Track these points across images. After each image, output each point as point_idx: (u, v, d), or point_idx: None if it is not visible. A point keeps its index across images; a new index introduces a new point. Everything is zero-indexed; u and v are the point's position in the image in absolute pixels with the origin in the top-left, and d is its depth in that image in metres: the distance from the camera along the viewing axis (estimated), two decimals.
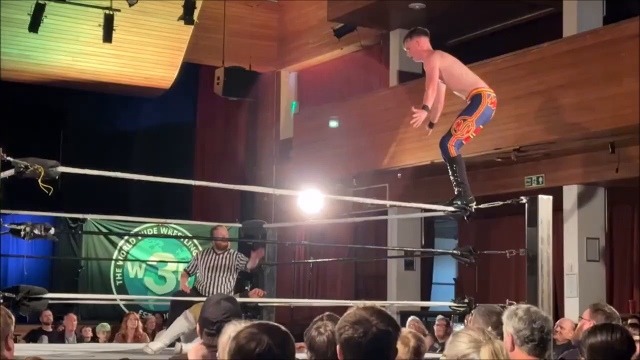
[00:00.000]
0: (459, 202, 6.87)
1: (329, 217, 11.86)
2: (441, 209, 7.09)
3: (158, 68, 15.22)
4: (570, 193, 11.46)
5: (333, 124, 13.29)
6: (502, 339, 3.50)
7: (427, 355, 6.08)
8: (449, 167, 7.02)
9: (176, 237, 14.90)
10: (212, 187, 13.49)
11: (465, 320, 5.97)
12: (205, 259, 8.52)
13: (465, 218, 6.93)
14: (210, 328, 4.07)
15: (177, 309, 8.05)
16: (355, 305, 2.97)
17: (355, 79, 15.23)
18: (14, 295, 4.94)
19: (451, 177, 6.99)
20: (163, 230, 14.74)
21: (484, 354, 2.78)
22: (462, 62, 7.41)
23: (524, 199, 6.69)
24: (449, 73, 7.24)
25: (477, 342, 2.80)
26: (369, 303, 3.03)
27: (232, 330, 3.31)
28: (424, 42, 7.23)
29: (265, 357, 2.70)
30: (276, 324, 2.98)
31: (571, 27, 11.37)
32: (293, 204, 11.43)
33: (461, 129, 7.03)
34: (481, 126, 7.11)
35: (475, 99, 7.14)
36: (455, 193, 6.95)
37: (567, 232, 11.50)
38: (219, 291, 8.28)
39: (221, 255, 8.48)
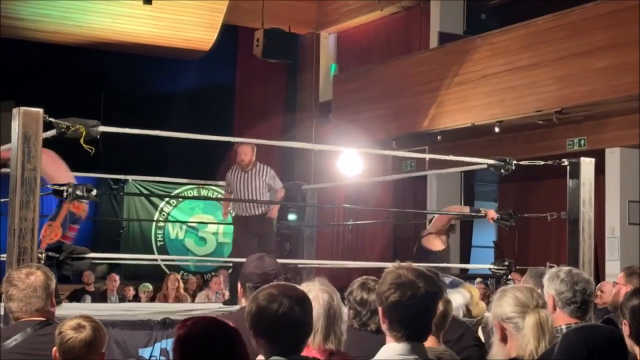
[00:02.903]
0: None
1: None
2: (482, 161, 7.03)
3: (198, 30, 15.21)
4: (613, 155, 11.33)
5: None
6: None
7: (465, 318, 6.08)
8: None
9: (216, 199, 14.98)
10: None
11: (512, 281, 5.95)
12: (236, 175, 8.47)
13: (504, 171, 6.84)
14: (255, 282, 4.06)
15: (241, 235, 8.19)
16: (394, 267, 2.94)
17: (395, 41, 15.11)
18: (57, 255, 5.00)
19: None
20: (203, 192, 14.84)
21: (528, 322, 2.71)
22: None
23: (565, 161, 6.62)
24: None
25: (524, 307, 2.74)
26: (405, 265, 2.99)
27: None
28: None
29: (287, 318, 2.71)
30: (291, 284, 2.97)
31: None
32: (332, 165, 11.43)
33: (48, 233, 6.75)
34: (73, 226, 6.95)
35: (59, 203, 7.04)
36: None
37: (608, 194, 11.38)
38: (252, 206, 8.30)
39: (250, 172, 8.42)
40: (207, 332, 2.37)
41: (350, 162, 10.66)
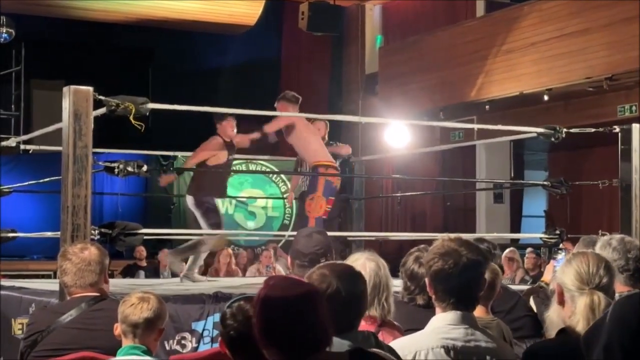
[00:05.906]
0: None
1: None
2: (531, 130, 6.95)
3: (243, 5, 15.20)
4: None
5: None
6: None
7: (517, 287, 6.05)
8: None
9: (264, 172, 15.04)
10: None
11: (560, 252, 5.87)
12: None
13: (554, 139, 6.75)
14: (302, 260, 4.11)
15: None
16: (441, 237, 2.95)
17: (441, 10, 14.96)
18: (110, 231, 5.06)
19: None
20: (251, 167, 14.89)
21: (581, 303, 2.65)
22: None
23: (617, 128, 6.53)
24: (294, 136, 7.89)
25: (582, 284, 2.67)
26: (453, 235, 2.98)
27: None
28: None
29: (333, 299, 2.71)
30: (348, 264, 2.99)
31: None
32: (379, 138, 11.40)
33: (313, 207, 7.37)
34: (331, 198, 7.39)
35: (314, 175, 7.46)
36: None
37: None
38: None
39: None
40: (290, 291, 2.35)
41: (397, 133, 10.61)
